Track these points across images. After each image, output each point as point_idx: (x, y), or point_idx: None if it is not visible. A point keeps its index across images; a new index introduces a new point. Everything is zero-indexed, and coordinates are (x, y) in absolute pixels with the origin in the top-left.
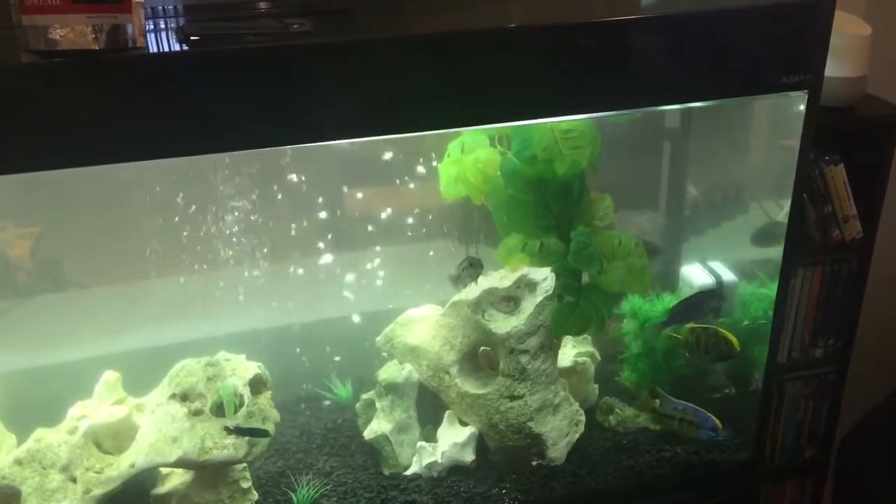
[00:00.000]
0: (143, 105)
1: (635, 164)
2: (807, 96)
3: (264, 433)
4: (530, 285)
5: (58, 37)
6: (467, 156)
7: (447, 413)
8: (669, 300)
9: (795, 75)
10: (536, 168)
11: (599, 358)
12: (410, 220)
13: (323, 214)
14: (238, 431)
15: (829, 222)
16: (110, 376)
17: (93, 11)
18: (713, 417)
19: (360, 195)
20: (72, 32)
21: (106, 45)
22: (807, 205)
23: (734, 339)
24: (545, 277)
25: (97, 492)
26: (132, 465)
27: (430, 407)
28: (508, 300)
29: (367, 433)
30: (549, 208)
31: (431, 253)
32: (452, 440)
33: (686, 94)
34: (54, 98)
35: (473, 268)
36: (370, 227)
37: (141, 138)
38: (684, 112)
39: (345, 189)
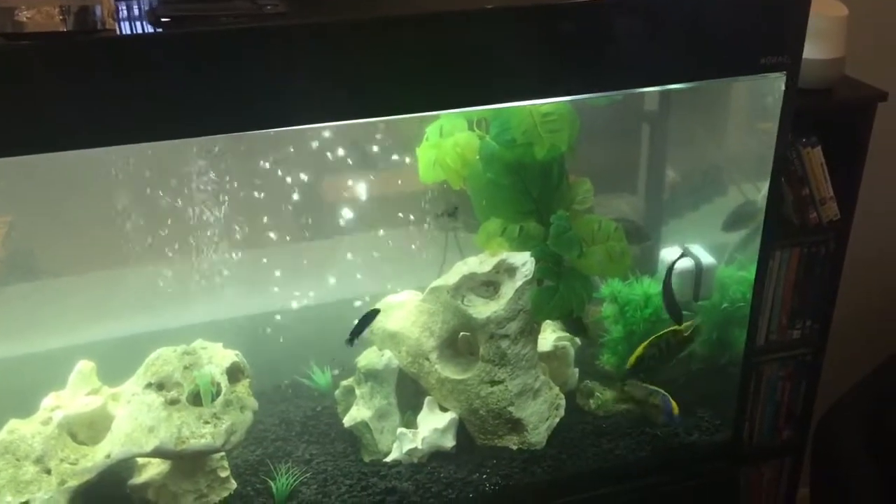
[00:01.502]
0: (112, 89)
1: (613, 148)
2: (785, 78)
3: (374, 313)
4: (510, 270)
5: (24, 19)
6: (446, 140)
7: (427, 399)
8: (649, 284)
9: (774, 56)
10: (515, 152)
11: (579, 342)
12: (388, 206)
13: (298, 200)
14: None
15: (806, 204)
16: (84, 366)
17: None
18: (672, 403)
19: (335, 180)
20: (38, 14)
21: (74, 27)
22: (784, 187)
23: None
24: (525, 262)
25: (72, 483)
26: (108, 456)
27: (409, 393)
28: (488, 285)
29: (347, 420)
30: (528, 192)
31: (407, 238)
32: (433, 426)
33: (665, 76)
34: (20, 82)
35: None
36: (346, 213)
37: (111, 123)
38: (662, 95)
39: (321, 174)
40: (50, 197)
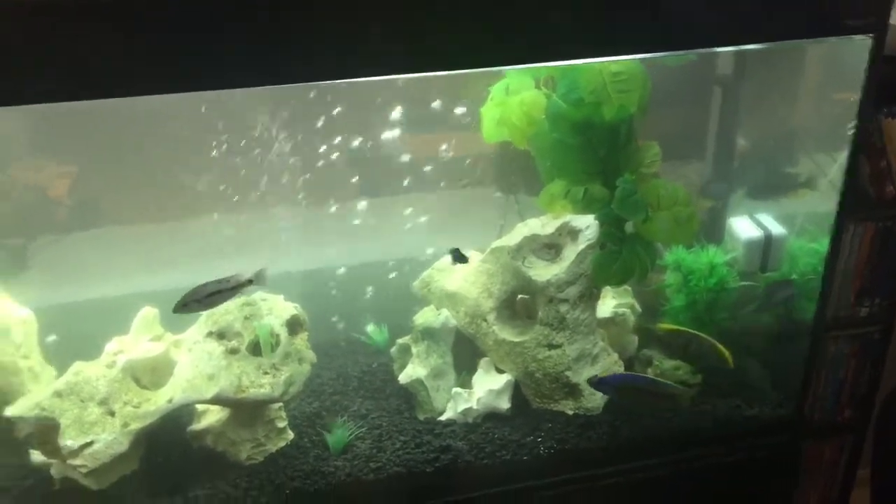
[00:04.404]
0: (153, 39)
1: (684, 111)
2: (871, 41)
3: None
4: (573, 233)
5: None
6: (511, 98)
7: (483, 360)
8: (714, 252)
9: (860, 18)
10: (583, 111)
11: (640, 310)
12: (449, 167)
13: (364, 157)
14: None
15: (883, 177)
16: (148, 312)
17: None
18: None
19: (396, 140)
20: None
21: None
22: (861, 158)
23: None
24: (588, 225)
25: (135, 426)
26: (170, 401)
27: (466, 353)
28: (550, 247)
29: (403, 377)
30: (595, 153)
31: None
32: (488, 387)
33: (745, 36)
34: (56, 32)
35: None
36: (405, 173)
37: (154, 72)
38: (738, 58)
39: (381, 133)
40: (114, 147)
